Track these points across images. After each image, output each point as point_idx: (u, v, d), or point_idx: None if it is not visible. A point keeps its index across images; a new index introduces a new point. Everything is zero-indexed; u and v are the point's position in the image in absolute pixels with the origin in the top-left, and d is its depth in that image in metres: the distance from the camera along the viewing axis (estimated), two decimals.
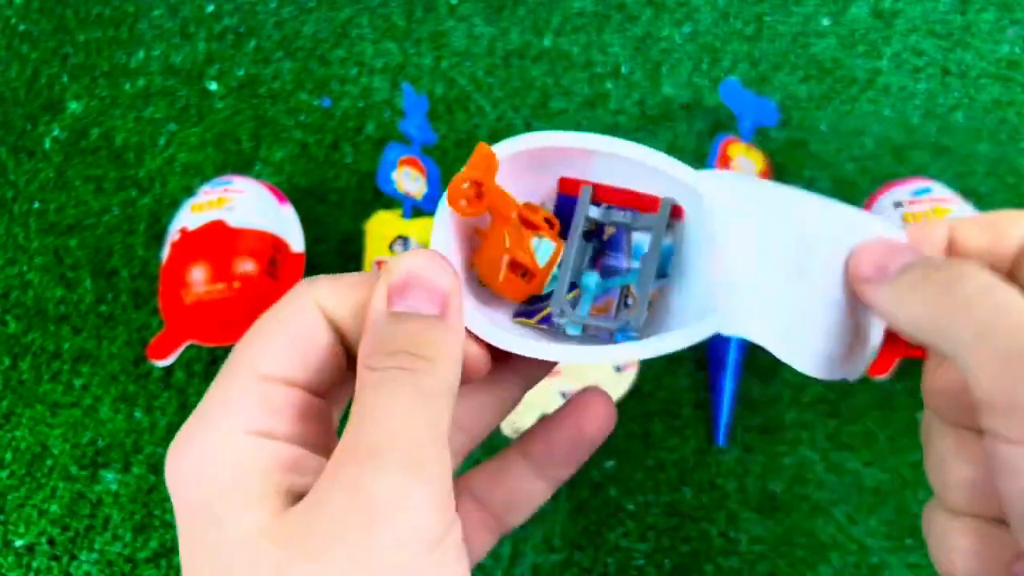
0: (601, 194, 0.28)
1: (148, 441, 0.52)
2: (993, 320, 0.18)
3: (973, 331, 0.18)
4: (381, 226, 0.53)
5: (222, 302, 0.49)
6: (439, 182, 0.57)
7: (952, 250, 0.23)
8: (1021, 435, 0.17)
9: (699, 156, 0.59)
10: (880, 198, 0.50)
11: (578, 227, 0.28)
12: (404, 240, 0.52)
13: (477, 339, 0.24)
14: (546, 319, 0.28)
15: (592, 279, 0.28)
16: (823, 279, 0.24)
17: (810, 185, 0.57)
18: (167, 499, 0.50)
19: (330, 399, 0.23)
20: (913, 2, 0.64)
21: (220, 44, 0.66)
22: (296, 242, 0.53)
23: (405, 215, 0.54)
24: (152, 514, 0.50)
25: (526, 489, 0.27)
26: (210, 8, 0.68)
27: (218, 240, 0.50)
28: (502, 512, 0.27)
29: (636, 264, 0.29)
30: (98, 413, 0.53)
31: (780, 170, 0.58)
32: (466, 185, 0.25)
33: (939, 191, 0.49)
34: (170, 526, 0.49)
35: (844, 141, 0.58)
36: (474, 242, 0.28)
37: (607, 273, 0.29)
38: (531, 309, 0.29)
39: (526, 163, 0.27)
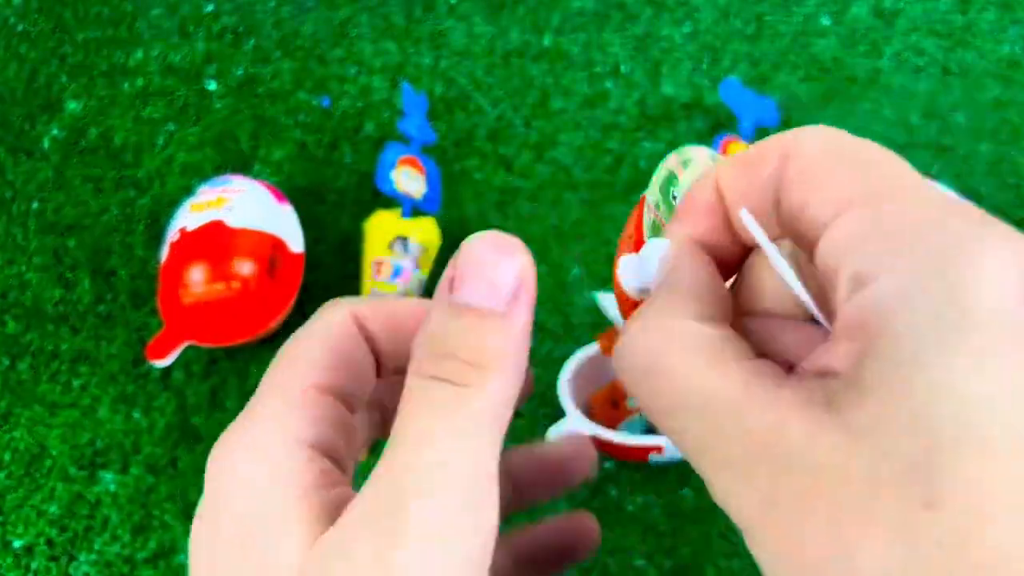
0: None
1: (147, 442, 0.52)
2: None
3: None
4: (380, 225, 0.53)
5: (221, 302, 0.49)
6: (438, 181, 0.57)
7: (721, 202, 0.19)
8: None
9: None
10: None
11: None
12: (403, 240, 0.52)
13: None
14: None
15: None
16: None
17: None
18: (166, 500, 0.50)
19: (358, 410, 0.23)
20: (914, 1, 0.64)
21: (219, 44, 0.66)
22: (295, 242, 0.52)
23: (404, 214, 0.53)
24: (151, 515, 0.49)
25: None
26: (209, 7, 0.68)
27: (217, 240, 0.49)
28: None
29: None
30: (97, 414, 0.53)
31: None
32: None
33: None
34: (169, 527, 0.49)
35: None
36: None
37: None
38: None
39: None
